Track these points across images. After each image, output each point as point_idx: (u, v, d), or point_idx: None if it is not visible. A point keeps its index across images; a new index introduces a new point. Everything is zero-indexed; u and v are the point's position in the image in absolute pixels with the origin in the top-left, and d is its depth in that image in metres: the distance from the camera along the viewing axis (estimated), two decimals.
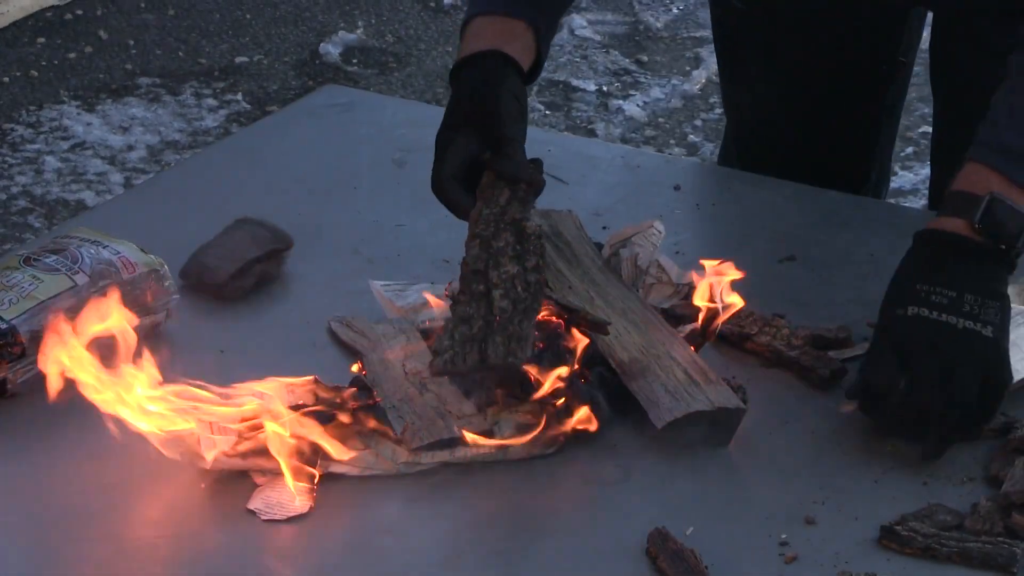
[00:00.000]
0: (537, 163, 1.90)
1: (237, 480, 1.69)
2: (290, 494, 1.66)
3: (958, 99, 2.31)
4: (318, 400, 1.73)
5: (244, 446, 1.68)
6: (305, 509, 1.65)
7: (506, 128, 1.87)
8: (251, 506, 1.65)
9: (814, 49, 2.29)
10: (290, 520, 1.65)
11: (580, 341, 1.80)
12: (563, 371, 1.75)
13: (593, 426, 1.74)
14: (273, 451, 1.67)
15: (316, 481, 1.67)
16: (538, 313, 1.76)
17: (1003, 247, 1.76)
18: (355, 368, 1.81)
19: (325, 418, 1.70)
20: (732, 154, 2.52)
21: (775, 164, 2.32)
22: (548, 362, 1.76)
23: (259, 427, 1.68)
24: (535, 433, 1.72)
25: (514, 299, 1.74)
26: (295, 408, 1.71)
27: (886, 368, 1.71)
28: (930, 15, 2.32)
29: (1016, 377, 1.74)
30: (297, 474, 1.66)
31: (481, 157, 1.87)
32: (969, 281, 1.72)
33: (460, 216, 1.85)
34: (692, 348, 1.84)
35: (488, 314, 1.73)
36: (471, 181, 1.86)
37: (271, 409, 1.69)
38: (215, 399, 1.70)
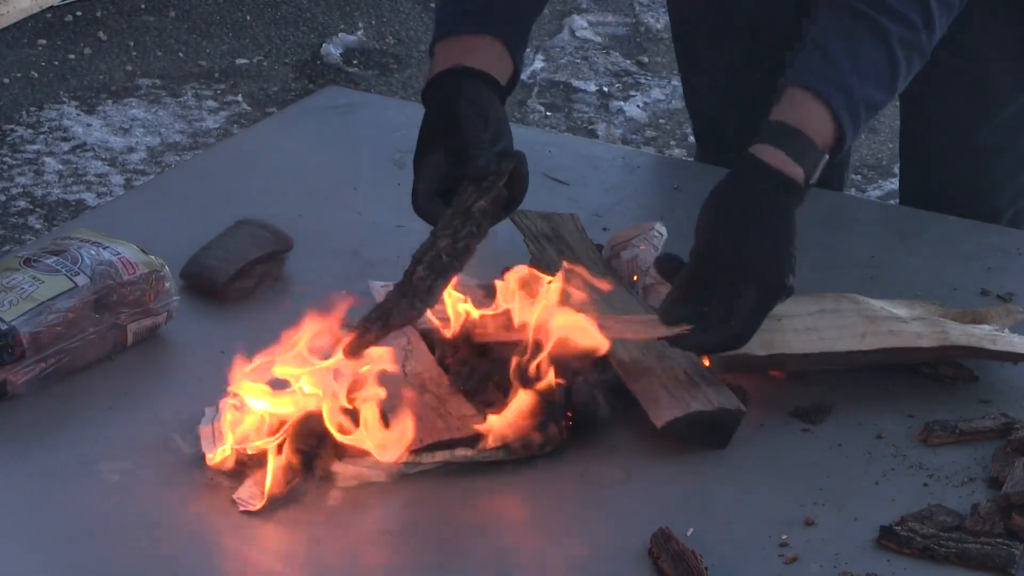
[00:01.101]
0: (518, 155, 1.91)
1: (238, 481, 1.69)
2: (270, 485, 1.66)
3: (920, 90, 2.33)
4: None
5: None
6: (256, 506, 1.65)
7: (466, 134, 1.89)
8: (235, 496, 1.66)
9: (763, 43, 2.30)
10: (290, 520, 1.65)
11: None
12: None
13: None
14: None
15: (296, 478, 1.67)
16: (457, 271, 1.78)
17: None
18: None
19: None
20: (698, 152, 2.54)
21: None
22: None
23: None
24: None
25: (433, 265, 1.77)
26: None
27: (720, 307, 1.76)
28: None
29: None
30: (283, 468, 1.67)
31: (456, 173, 1.90)
32: (795, 236, 1.80)
33: None
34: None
35: (406, 286, 1.76)
36: (449, 196, 1.89)
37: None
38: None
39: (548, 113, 4.80)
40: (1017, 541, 1.61)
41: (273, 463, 1.67)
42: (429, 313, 1.91)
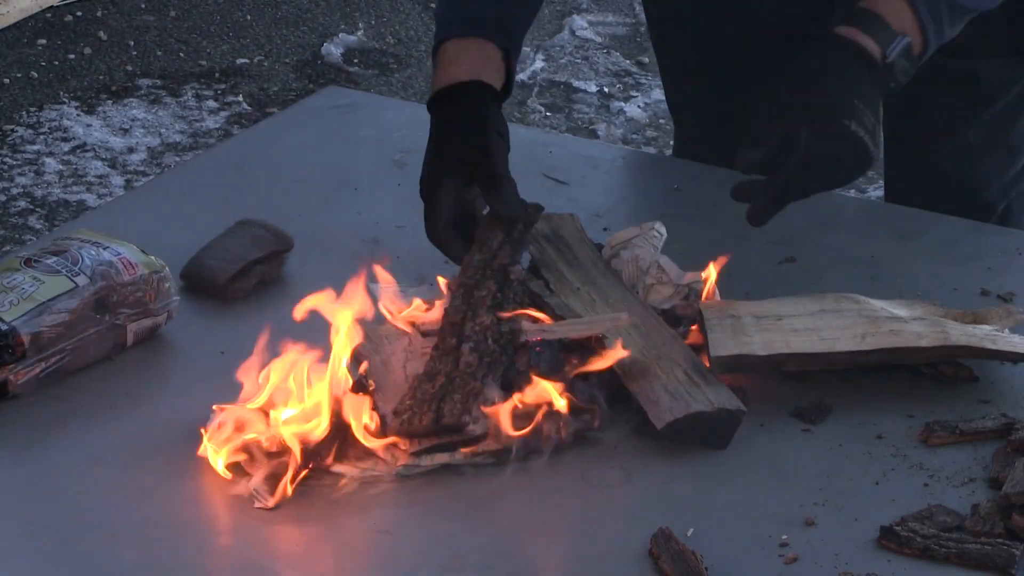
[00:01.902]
0: (536, 206, 1.91)
1: (238, 481, 1.69)
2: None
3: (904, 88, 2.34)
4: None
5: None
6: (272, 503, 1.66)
7: (498, 167, 1.89)
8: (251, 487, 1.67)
9: (744, 40, 2.31)
10: (290, 519, 1.65)
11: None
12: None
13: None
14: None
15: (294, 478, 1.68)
16: (504, 366, 1.75)
17: (892, 85, 1.92)
18: (362, 369, 1.81)
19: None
20: (680, 149, 2.54)
21: (718, 158, 2.33)
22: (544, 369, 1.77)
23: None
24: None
25: (482, 352, 1.74)
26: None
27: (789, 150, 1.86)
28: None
29: None
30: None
31: (472, 199, 1.91)
32: (876, 108, 1.89)
33: (459, 264, 1.87)
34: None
35: (453, 370, 1.73)
36: (465, 226, 1.88)
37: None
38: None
39: (548, 113, 4.80)
40: (1017, 541, 1.61)
41: (288, 460, 1.67)
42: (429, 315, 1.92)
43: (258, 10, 5.44)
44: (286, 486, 1.66)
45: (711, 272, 1.92)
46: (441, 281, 1.91)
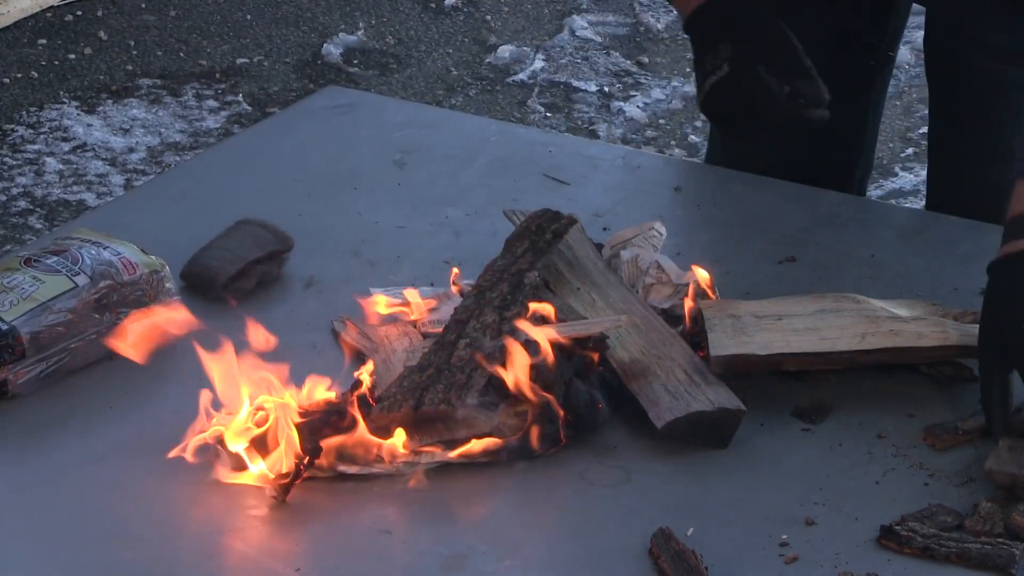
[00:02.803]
0: (569, 218, 1.95)
1: (241, 478, 1.69)
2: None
3: (953, 95, 2.32)
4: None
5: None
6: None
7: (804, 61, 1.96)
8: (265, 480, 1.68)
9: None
10: (290, 519, 1.65)
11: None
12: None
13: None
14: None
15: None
16: (498, 362, 1.75)
17: None
18: (366, 375, 1.80)
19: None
20: (719, 152, 2.52)
21: (760, 161, 2.32)
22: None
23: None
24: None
25: (476, 348, 1.75)
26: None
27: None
28: (922, 9, 2.33)
29: None
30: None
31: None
32: None
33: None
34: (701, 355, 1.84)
35: (444, 363, 1.74)
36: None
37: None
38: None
39: (548, 113, 4.80)
40: (1017, 541, 1.61)
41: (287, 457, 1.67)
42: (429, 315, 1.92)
43: (258, 10, 5.43)
44: (293, 482, 1.66)
45: (700, 276, 1.92)
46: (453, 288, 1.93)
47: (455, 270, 1.95)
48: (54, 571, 1.61)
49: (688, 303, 1.89)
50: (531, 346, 1.72)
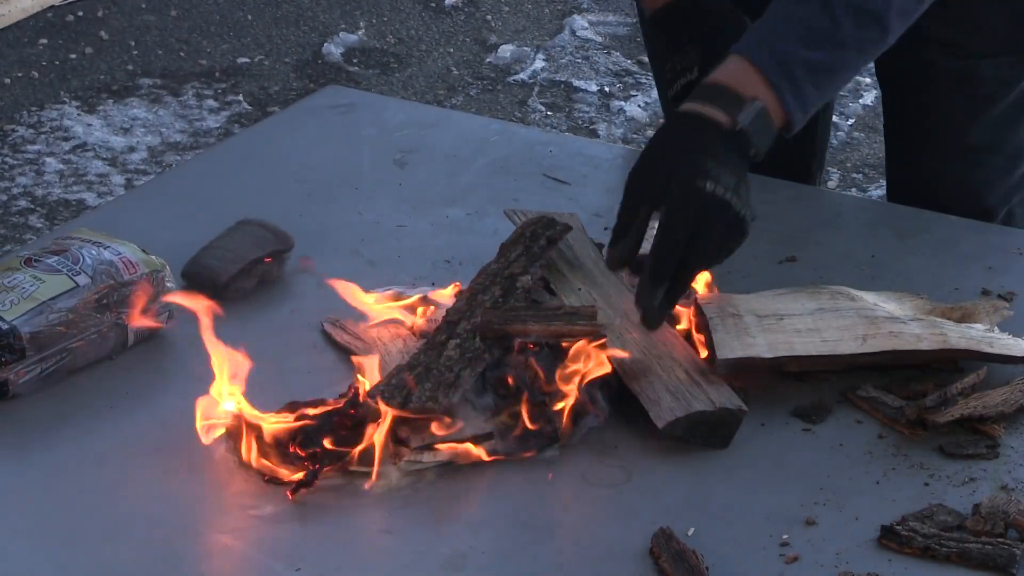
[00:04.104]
0: (564, 226, 1.97)
1: (238, 480, 1.69)
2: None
3: (903, 91, 2.32)
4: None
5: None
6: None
7: None
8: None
9: None
10: (290, 519, 1.65)
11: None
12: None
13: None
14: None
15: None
16: (486, 364, 1.76)
17: (751, 153, 1.85)
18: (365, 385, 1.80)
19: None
20: None
21: None
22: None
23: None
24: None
25: (465, 348, 1.75)
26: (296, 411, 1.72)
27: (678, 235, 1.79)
28: None
29: None
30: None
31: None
32: (739, 171, 1.82)
33: None
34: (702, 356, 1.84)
35: (433, 362, 1.74)
36: None
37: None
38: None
39: (549, 113, 4.80)
40: (1018, 541, 1.61)
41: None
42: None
43: (259, 9, 5.43)
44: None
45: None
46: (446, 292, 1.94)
47: (457, 286, 1.95)
48: (54, 571, 1.61)
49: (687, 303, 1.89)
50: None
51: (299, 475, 1.67)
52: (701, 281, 1.93)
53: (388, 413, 1.69)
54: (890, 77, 2.36)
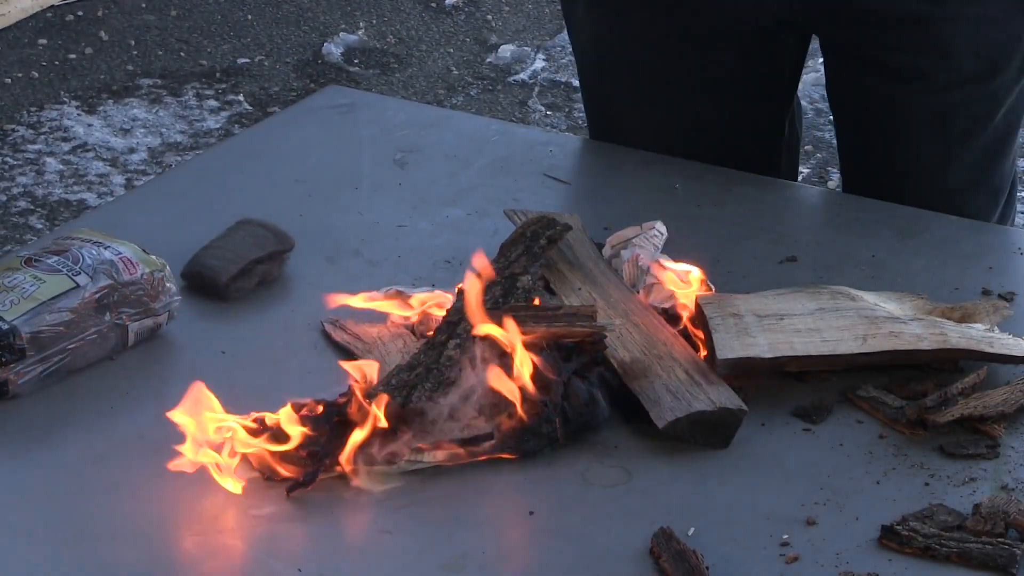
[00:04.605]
0: (564, 226, 1.95)
1: (238, 480, 1.69)
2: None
3: (857, 118, 2.32)
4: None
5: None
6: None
7: None
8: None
9: (720, 45, 2.30)
10: (290, 519, 1.65)
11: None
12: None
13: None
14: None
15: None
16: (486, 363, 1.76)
17: None
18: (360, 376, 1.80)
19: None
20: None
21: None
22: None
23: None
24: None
25: (465, 349, 1.75)
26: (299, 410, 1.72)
27: None
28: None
29: None
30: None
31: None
32: None
33: None
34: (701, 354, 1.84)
35: (434, 362, 1.74)
36: None
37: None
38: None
39: (549, 113, 4.80)
40: (1019, 541, 1.61)
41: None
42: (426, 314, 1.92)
43: (259, 9, 5.44)
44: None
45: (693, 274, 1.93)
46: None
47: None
48: (54, 571, 1.61)
49: (685, 302, 1.89)
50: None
51: (297, 474, 1.67)
52: (696, 280, 1.93)
53: (385, 413, 1.69)
54: (844, 108, 2.35)
